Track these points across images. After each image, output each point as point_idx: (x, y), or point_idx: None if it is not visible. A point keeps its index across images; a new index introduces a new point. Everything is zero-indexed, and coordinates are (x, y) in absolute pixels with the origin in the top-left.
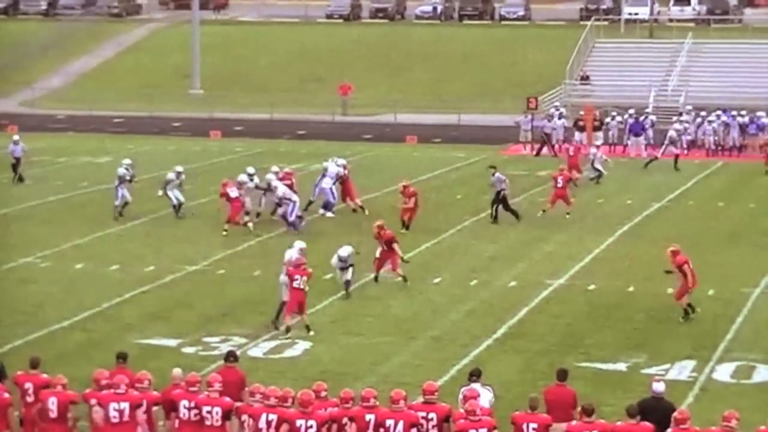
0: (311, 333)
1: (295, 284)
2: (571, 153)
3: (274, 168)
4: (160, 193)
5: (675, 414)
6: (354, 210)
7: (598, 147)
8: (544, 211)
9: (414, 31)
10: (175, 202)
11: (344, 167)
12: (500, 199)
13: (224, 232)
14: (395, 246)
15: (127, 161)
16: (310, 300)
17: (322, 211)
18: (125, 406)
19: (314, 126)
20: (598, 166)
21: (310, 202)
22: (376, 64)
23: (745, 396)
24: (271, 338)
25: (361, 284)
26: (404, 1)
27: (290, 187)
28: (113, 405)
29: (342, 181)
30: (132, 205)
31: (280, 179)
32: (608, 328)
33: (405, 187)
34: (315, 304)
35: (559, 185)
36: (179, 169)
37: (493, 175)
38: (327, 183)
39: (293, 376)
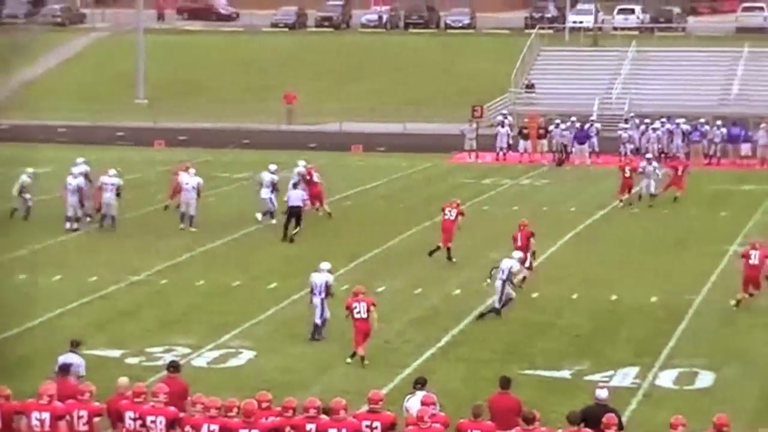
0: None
1: (355, 314)
2: (679, 173)
3: (302, 162)
4: (15, 193)
5: (603, 419)
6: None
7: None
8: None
9: (360, 40)
10: (21, 205)
11: (307, 170)
12: None
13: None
14: None
15: (30, 170)
16: (252, 310)
17: (260, 216)
18: (46, 416)
19: (259, 135)
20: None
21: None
22: (322, 72)
23: (688, 402)
24: (214, 348)
25: (307, 293)
26: (350, 10)
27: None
28: (35, 414)
29: (307, 182)
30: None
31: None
32: (552, 336)
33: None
34: (257, 314)
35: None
36: (30, 170)
37: None
38: (265, 193)
39: (237, 386)
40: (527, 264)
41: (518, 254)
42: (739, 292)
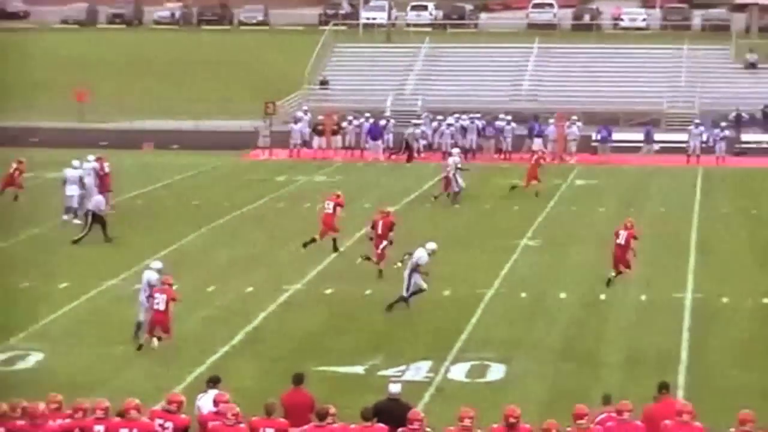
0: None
1: (155, 304)
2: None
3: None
4: None
5: (409, 414)
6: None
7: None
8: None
9: (152, 37)
10: None
11: (99, 164)
12: None
13: None
14: None
15: None
16: (42, 310)
17: (65, 217)
18: None
19: (49, 133)
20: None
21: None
22: (113, 70)
23: (480, 394)
24: (2, 350)
25: (98, 292)
26: (141, 6)
27: None
28: None
29: (101, 177)
30: None
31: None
32: (346, 332)
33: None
34: (48, 314)
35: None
36: None
37: None
38: (70, 190)
39: (26, 389)
40: (379, 250)
41: (432, 245)
42: (612, 271)
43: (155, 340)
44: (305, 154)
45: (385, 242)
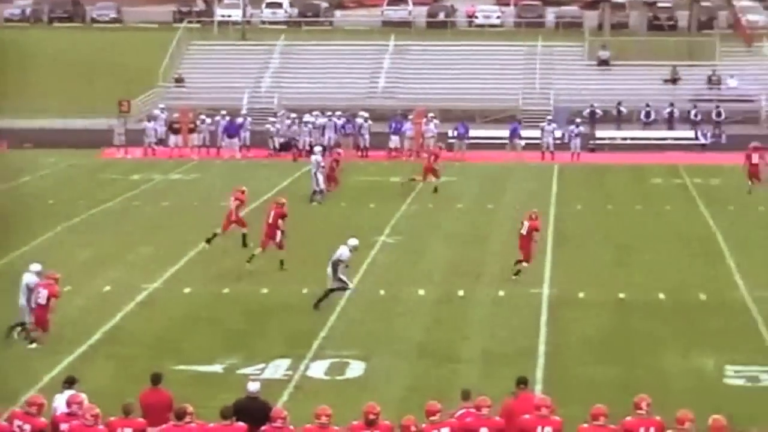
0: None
1: (38, 299)
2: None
3: None
4: None
5: (272, 412)
6: None
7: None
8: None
9: (2, 35)
10: None
11: None
12: None
13: None
14: None
15: None
16: None
17: None
18: None
19: None
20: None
21: None
22: None
23: (339, 391)
24: None
25: None
26: None
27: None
28: None
29: None
30: None
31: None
32: (204, 331)
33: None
34: None
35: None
36: None
37: None
38: None
39: None
40: (278, 240)
41: (354, 241)
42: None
43: (33, 344)
44: (161, 153)
45: (278, 232)
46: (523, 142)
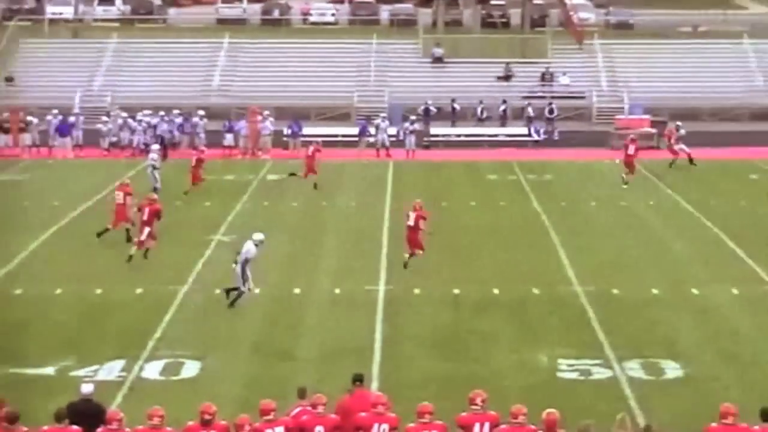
0: None
1: None
2: (310, 153)
3: None
4: None
5: (108, 414)
6: None
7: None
8: None
9: None
10: None
11: None
12: None
13: None
14: None
15: None
16: None
17: None
18: None
19: None
20: None
21: None
22: None
23: (174, 392)
24: None
25: None
26: None
27: None
28: None
29: None
30: None
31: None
32: (35, 333)
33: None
34: None
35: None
36: None
37: None
38: None
39: None
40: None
41: (259, 236)
42: (405, 252)
43: None
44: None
45: (147, 229)
46: (371, 140)
